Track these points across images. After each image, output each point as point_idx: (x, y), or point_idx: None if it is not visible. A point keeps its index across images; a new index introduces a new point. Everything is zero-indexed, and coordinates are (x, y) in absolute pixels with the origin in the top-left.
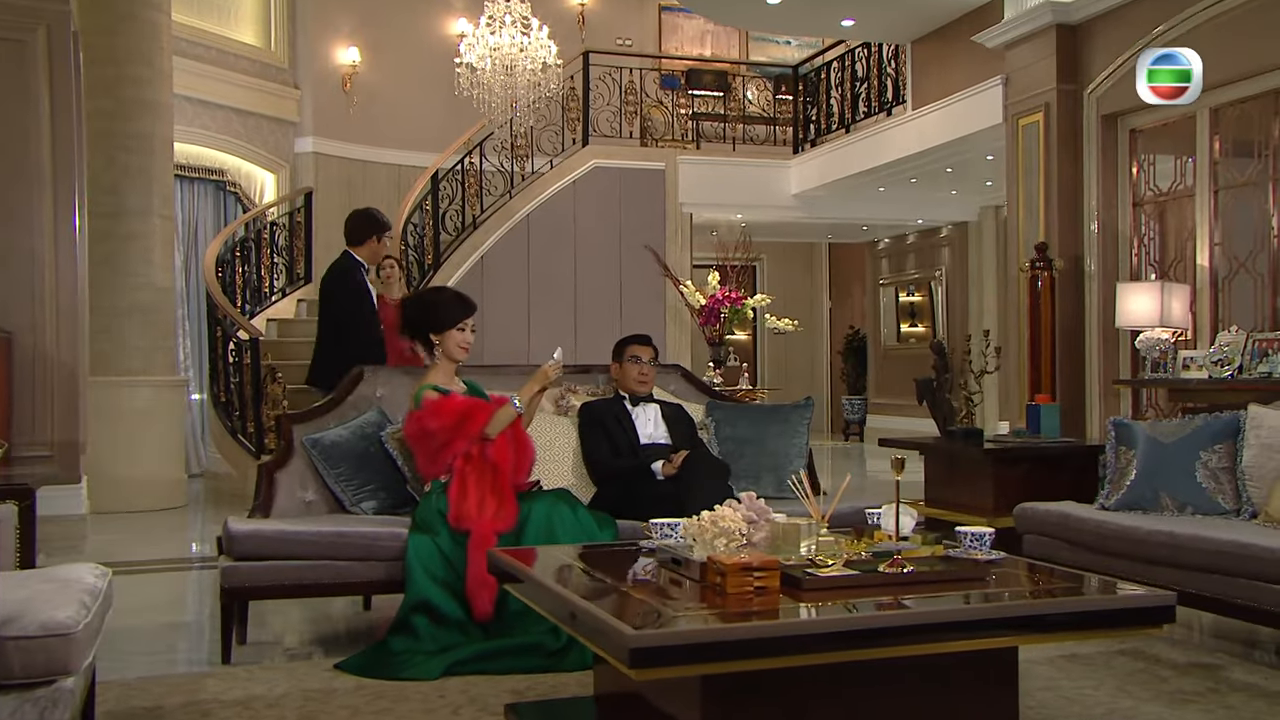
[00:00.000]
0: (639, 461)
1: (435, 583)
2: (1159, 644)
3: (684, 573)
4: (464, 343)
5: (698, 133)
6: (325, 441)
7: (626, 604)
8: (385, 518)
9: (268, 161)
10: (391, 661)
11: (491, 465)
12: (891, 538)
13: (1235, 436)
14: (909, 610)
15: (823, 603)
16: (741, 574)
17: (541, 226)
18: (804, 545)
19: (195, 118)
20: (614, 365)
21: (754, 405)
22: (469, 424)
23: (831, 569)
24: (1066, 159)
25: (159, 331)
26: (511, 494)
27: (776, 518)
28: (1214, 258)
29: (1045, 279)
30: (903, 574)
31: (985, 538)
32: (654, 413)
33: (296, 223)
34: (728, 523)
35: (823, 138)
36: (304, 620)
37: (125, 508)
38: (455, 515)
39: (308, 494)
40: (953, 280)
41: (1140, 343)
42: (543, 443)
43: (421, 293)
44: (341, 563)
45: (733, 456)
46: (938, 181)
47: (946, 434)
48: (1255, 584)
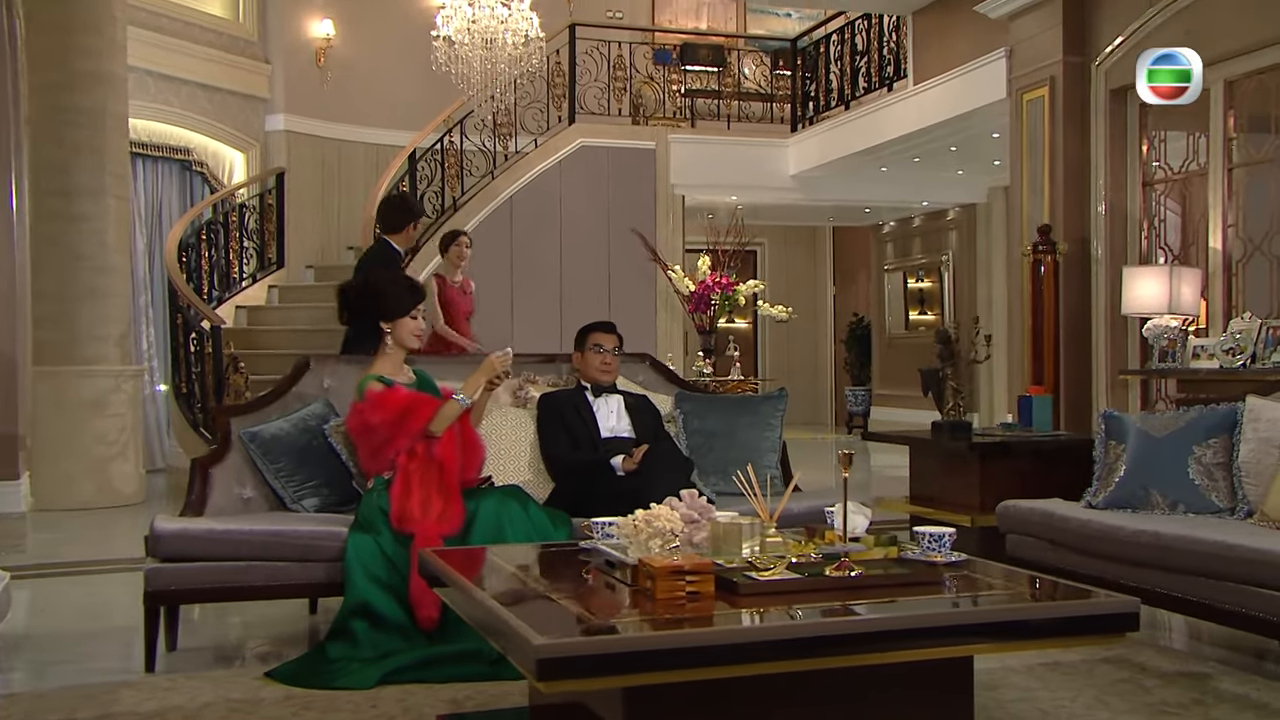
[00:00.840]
0: (598, 456)
1: (376, 585)
2: (1146, 651)
3: (617, 576)
4: (417, 331)
5: (692, 110)
6: (264, 435)
7: (545, 610)
8: (327, 516)
9: (236, 140)
10: (326, 669)
11: (437, 463)
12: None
13: (1232, 430)
14: (845, 618)
15: (758, 609)
16: (672, 578)
17: (525, 209)
18: (746, 546)
19: (158, 93)
20: (576, 354)
21: (724, 396)
22: (412, 420)
23: (772, 573)
24: (1073, 136)
25: (113, 318)
26: (459, 494)
27: (719, 517)
28: (1227, 240)
29: (1048, 263)
30: (849, 578)
31: (945, 538)
32: (617, 404)
33: (268, 205)
34: (663, 522)
35: (822, 115)
36: (244, 625)
37: (74, 505)
38: (397, 516)
39: (245, 491)
40: (960, 265)
41: (1148, 331)
42: (499, 436)
43: (367, 278)
44: (277, 564)
45: (701, 450)
46: (942, 161)
47: (933, 427)
48: (1243, 588)
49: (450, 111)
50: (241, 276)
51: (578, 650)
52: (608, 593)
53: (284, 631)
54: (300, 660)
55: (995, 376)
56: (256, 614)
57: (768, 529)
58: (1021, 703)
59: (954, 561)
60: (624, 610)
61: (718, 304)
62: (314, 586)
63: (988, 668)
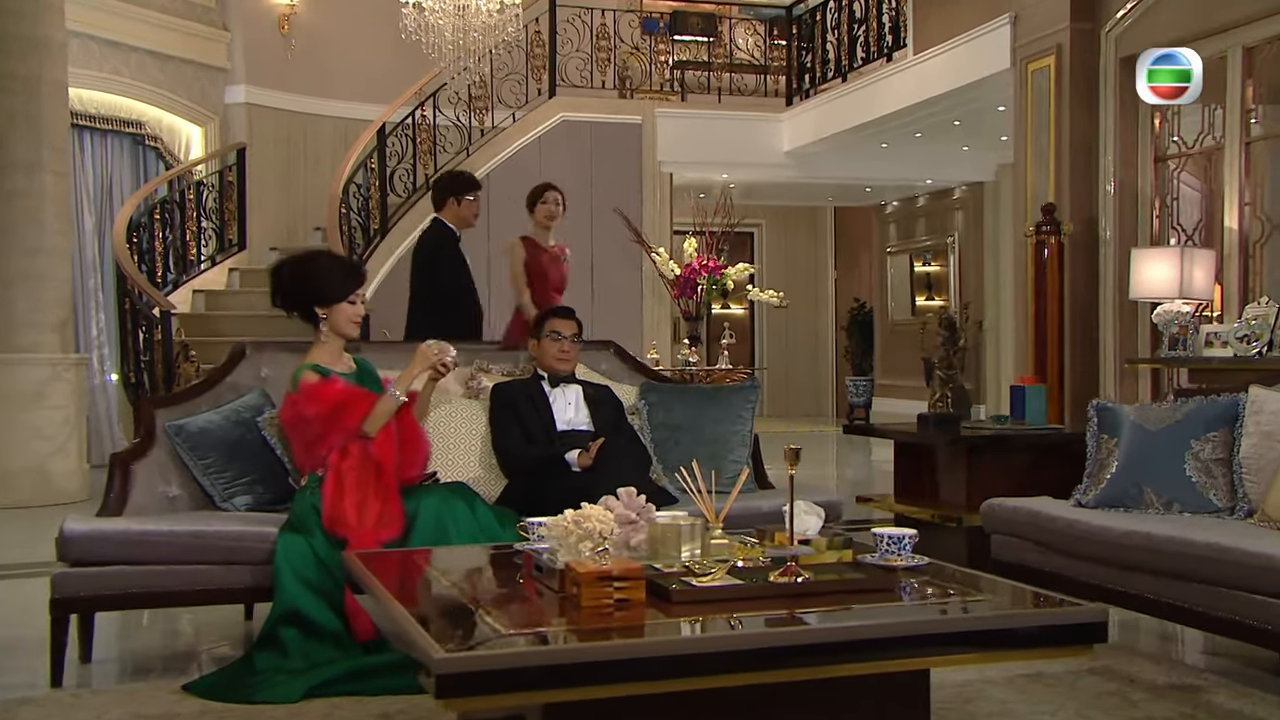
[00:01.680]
0: (552, 451)
1: (308, 590)
2: (1138, 661)
3: (545, 582)
4: (355, 317)
5: (682, 83)
6: (191, 428)
7: (458, 620)
8: (258, 515)
9: (193, 113)
10: (249, 681)
11: (374, 463)
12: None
13: (1233, 423)
14: (777, 629)
15: (691, 618)
16: (598, 584)
17: (503, 187)
18: (686, 550)
19: (105, 61)
20: (532, 342)
21: (693, 387)
22: (345, 416)
23: (710, 578)
24: (1080, 108)
25: (52, 303)
26: (397, 497)
27: (658, 517)
28: (1244, 219)
29: (1052, 245)
30: (795, 584)
31: (905, 541)
32: (575, 395)
33: (228, 182)
34: (593, 523)
35: (818, 87)
36: (170, 633)
37: (9, 504)
38: (330, 518)
39: (171, 488)
40: (967, 247)
41: (1157, 317)
42: (447, 429)
43: (300, 259)
44: (199, 568)
45: (666, 444)
46: (946, 136)
47: (919, 420)
48: (1236, 594)
49: (422, 84)
50: (199, 259)
51: (480, 665)
52: (534, 601)
53: (215, 640)
54: (223, 672)
55: (1002, 366)
56: (189, 621)
57: (713, 530)
58: (996, 717)
59: (915, 566)
60: (546, 620)
61: (704, 288)
62: (240, 592)
63: (965, 679)
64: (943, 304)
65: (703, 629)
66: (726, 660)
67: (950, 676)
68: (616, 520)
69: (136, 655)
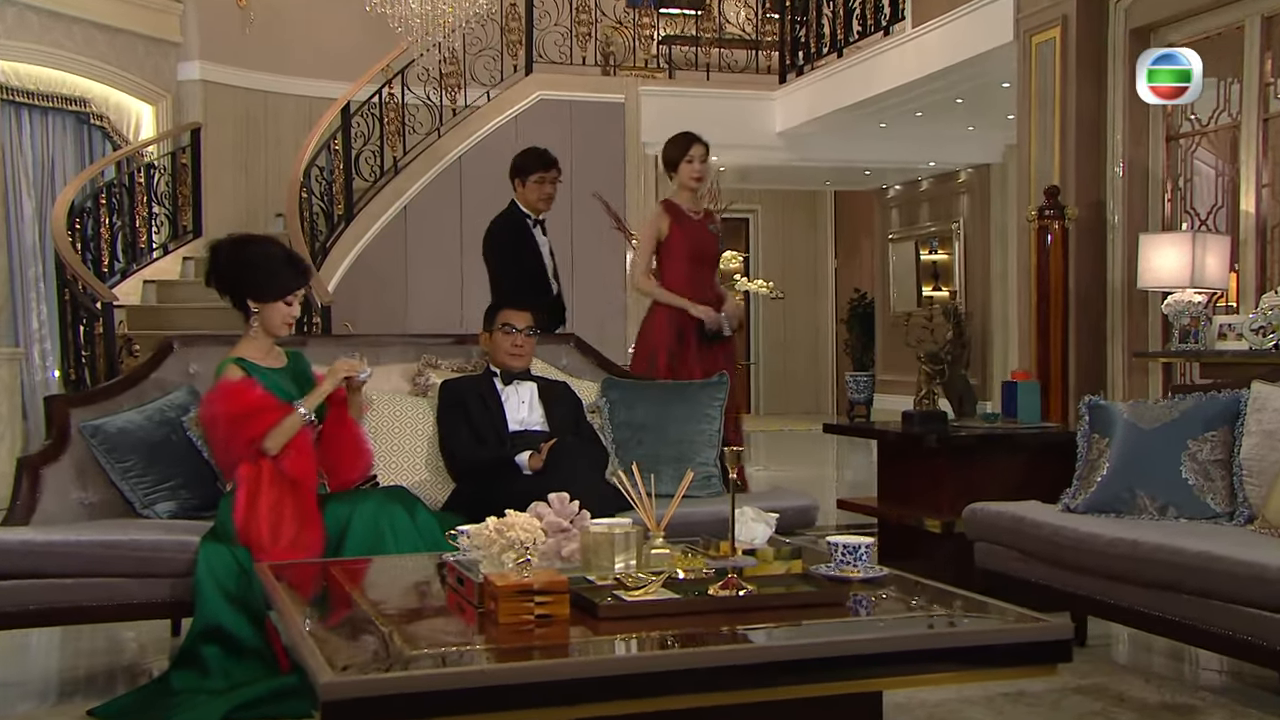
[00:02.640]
0: (502, 452)
1: (230, 603)
2: (1129, 678)
3: (465, 595)
4: (289, 318)
5: (669, 60)
6: (110, 428)
7: (360, 639)
8: (181, 523)
9: (144, 90)
10: (165, 703)
11: (290, 481)
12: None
13: (1233, 422)
14: (711, 649)
15: (619, 635)
16: (517, 598)
17: (477, 170)
18: (620, 560)
19: (45, 33)
20: (483, 335)
21: (657, 383)
22: (248, 425)
23: (643, 592)
24: (1087, 84)
25: None
26: (317, 518)
27: (594, 525)
28: (1261, 202)
29: (1056, 231)
30: (736, 598)
31: (861, 550)
32: (529, 393)
33: (182, 165)
34: (517, 532)
35: (813, 63)
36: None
37: None
38: (242, 534)
39: (87, 495)
40: (973, 233)
41: (1167, 307)
42: (392, 429)
43: (240, 242)
44: (113, 580)
45: (628, 445)
46: (949, 115)
47: (903, 417)
48: (1230, 607)
49: (390, 60)
50: (151, 247)
51: (370, 690)
52: (453, 617)
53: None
54: (136, 693)
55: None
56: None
57: (654, 539)
58: None
59: (872, 577)
60: (463, 637)
61: None
62: (158, 606)
63: (940, 699)
64: (950, 294)
65: (629, 648)
66: (654, 682)
67: (924, 696)
68: (547, 528)
69: (46, 677)
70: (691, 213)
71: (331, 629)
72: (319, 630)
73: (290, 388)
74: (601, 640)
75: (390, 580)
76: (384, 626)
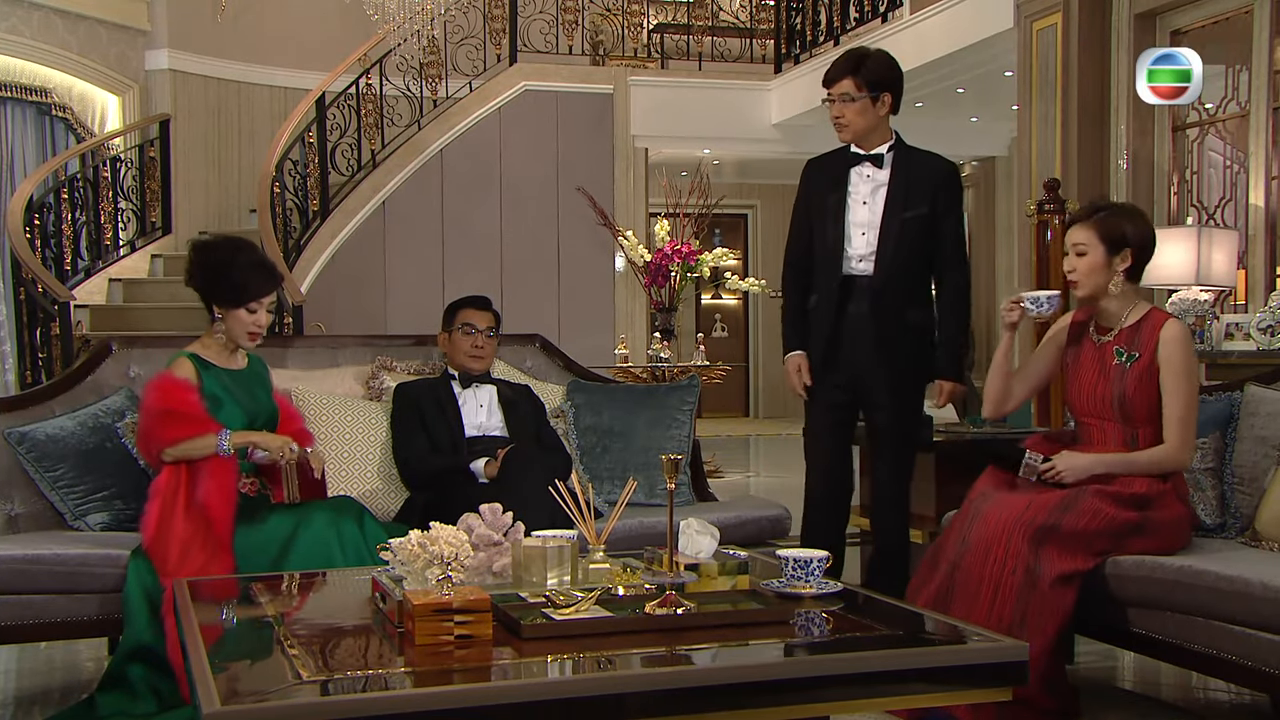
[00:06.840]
0: (457, 460)
1: (160, 621)
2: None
3: (388, 614)
4: (253, 326)
5: (661, 49)
6: (38, 435)
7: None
8: (112, 535)
9: (109, 80)
10: None
11: (200, 509)
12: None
13: (1226, 427)
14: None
15: (545, 656)
16: (435, 617)
17: (459, 164)
18: (553, 576)
19: (2, 19)
20: (442, 335)
21: (625, 386)
22: (165, 426)
23: (572, 610)
24: (1090, 71)
25: None
26: (228, 546)
27: (527, 540)
28: (1271, 195)
29: (1056, 226)
30: (674, 616)
31: (814, 565)
32: (488, 396)
33: (150, 158)
34: (441, 546)
35: (810, 52)
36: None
37: None
38: (149, 549)
39: (12, 506)
40: (977, 229)
41: (1173, 305)
42: (343, 436)
43: (212, 247)
44: (33, 597)
45: (594, 452)
46: (952, 106)
47: None
48: (1212, 625)
49: (367, 49)
50: (117, 244)
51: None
52: (372, 637)
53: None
54: (60, 716)
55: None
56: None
57: (594, 553)
58: None
59: (825, 593)
60: (378, 660)
61: (679, 276)
62: (84, 625)
63: None
64: None
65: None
66: (578, 708)
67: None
68: (477, 542)
69: None
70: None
71: (231, 652)
72: (215, 653)
73: (239, 393)
74: (524, 663)
75: (317, 598)
76: (294, 649)
